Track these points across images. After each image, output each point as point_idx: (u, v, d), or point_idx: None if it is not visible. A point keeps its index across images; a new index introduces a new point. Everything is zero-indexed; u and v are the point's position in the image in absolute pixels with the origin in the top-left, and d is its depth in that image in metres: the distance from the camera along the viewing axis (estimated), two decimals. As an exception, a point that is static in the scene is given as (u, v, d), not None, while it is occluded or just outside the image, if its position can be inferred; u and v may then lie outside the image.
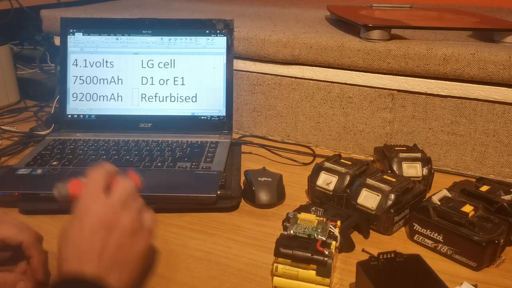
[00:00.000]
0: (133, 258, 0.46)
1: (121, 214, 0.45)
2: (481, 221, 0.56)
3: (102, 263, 0.43)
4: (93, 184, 0.47)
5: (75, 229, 0.44)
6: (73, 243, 0.43)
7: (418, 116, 0.81)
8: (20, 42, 1.40)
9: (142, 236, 0.47)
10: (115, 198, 0.46)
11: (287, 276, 0.50)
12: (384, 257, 0.49)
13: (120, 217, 0.45)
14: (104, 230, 0.44)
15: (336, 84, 0.85)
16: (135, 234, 0.46)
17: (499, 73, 0.71)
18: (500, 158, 0.77)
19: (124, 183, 0.48)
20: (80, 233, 0.44)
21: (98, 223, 0.44)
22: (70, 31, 0.88)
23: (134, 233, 0.46)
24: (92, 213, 0.45)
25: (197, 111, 0.87)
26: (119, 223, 0.45)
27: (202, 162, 0.74)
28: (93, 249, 0.43)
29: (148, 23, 0.88)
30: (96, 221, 0.44)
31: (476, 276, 0.54)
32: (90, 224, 0.44)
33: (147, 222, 0.48)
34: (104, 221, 0.44)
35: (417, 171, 0.70)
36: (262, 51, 0.88)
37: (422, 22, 0.92)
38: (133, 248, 0.46)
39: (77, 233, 0.44)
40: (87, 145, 0.80)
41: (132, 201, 0.47)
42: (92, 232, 0.44)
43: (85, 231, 0.44)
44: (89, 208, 0.45)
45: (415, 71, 0.77)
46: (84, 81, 0.87)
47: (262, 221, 0.65)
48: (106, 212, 0.45)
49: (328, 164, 0.68)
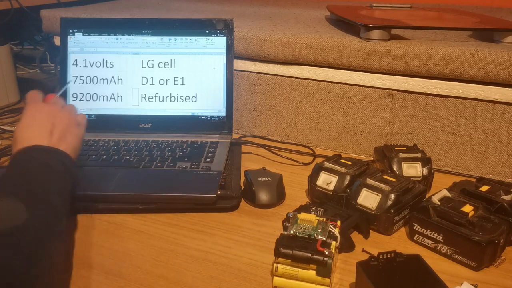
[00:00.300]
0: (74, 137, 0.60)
1: (59, 110, 0.61)
2: (481, 221, 0.56)
3: (52, 139, 0.56)
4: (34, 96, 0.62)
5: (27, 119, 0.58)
6: (26, 128, 0.57)
7: (418, 116, 0.81)
8: (20, 42, 1.40)
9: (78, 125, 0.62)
10: (53, 102, 0.63)
11: (287, 276, 0.50)
12: (384, 257, 0.49)
13: (59, 113, 0.60)
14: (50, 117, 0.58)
15: (336, 84, 0.85)
16: (74, 122, 0.62)
17: (499, 73, 0.71)
18: (500, 158, 0.77)
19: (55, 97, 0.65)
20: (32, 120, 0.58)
21: (45, 112, 0.59)
22: (70, 31, 0.88)
23: (73, 121, 0.61)
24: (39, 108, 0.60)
25: (197, 111, 0.87)
26: (61, 112, 0.60)
27: (202, 162, 0.74)
28: (44, 128, 0.57)
29: (148, 23, 0.88)
30: (43, 112, 0.59)
31: (476, 276, 0.54)
32: (39, 114, 0.59)
33: (79, 117, 0.64)
34: (49, 111, 0.59)
35: (417, 171, 0.70)
36: (262, 51, 0.88)
37: (422, 22, 0.92)
38: (73, 130, 0.60)
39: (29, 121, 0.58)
40: (87, 145, 0.80)
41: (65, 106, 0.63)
42: (41, 119, 0.58)
43: (36, 119, 0.58)
44: (35, 106, 0.60)
45: (415, 71, 0.77)
46: (84, 81, 0.87)
47: (262, 221, 0.65)
48: (49, 108, 0.60)
49: (328, 164, 0.68)
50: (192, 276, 0.54)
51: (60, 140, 0.57)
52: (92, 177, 0.70)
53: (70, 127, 0.60)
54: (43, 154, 0.54)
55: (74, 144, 0.60)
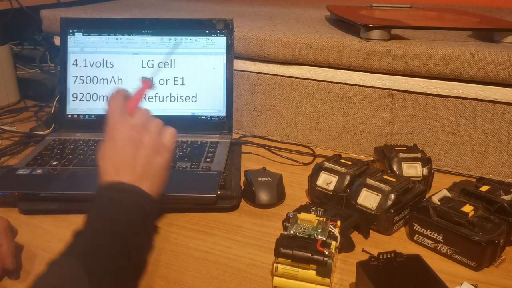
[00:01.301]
0: (157, 170, 0.55)
1: (143, 133, 0.55)
2: (481, 221, 0.56)
3: (135, 173, 0.53)
4: (116, 108, 0.56)
5: (110, 147, 0.54)
6: (109, 158, 0.53)
7: (418, 116, 0.81)
8: (20, 42, 1.40)
9: (162, 151, 0.56)
10: (137, 120, 0.56)
11: (287, 276, 0.50)
12: (384, 257, 0.49)
13: (142, 136, 0.55)
14: (132, 146, 0.54)
15: (336, 84, 0.85)
16: (157, 150, 0.55)
17: (499, 73, 0.71)
18: (500, 158, 0.77)
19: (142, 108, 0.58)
20: (114, 150, 0.54)
21: (127, 141, 0.54)
22: (70, 31, 0.88)
23: (155, 149, 0.55)
24: (120, 133, 0.54)
25: (197, 111, 0.87)
26: (143, 141, 0.54)
27: (202, 162, 0.74)
28: (127, 162, 0.53)
29: (148, 23, 0.88)
30: (125, 139, 0.54)
31: (476, 276, 0.54)
32: (121, 142, 0.54)
33: (165, 139, 0.57)
34: (131, 139, 0.54)
35: (417, 171, 0.70)
36: (262, 51, 0.88)
37: (422, 22, 0.92)
38: (156, 161, 0.55)
39: (111, 150, 0.54)
40: (87, 145, 0.80)
41: (150, 123, 0.57)
42: (123, 148, 0.53)
43: (118, 148, 0.53)
44: (117, 129, 0.54)
45: (415, 71, 0.77)
46: (84, 81, 0.87)
47: (262, 221, 0.65)
48: (131, 132, 0.54)
49: (328, 164, 0.68)
50: (192, 276, 0.53)
51: (142, 177, 0.53)
52: (92, 177, 0.69)
53: (153, 157, 0.54)
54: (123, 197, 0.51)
55: (157, 177, 0.55)
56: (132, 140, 0.54)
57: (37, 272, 0.53)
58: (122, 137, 0.54)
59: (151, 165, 0.54)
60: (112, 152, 0.54)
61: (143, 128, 0.55)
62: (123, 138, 0.54)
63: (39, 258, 0.56)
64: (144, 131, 0.55)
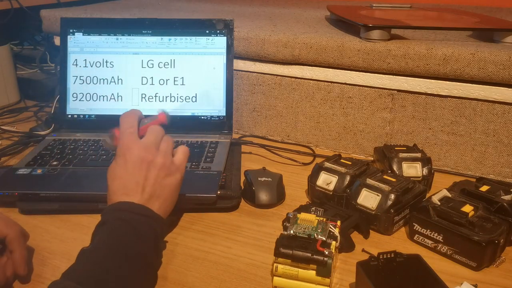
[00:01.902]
0: (167, 190, 0.55)
1: (155, 154, 0.55)
2: (481, 221, 0.56)
3: (144, 194, 0.53)
4: (129, 129, 0.56)
5: (120, 166, 0.54)
6: (119, 178, 0.53)
7: (418, 116, 0.81)
8: (20, 42, 1.40)
9: (174, 172, 0.56)
10: (149, 140, 0.56)
11: (287, 276, 0.50)
12: (384, 257, 0.49)
13: (154, 157, 0.54)
14: (143, 167, 0.54)
15: (336, 84, 0.85)
16: (168, 171, 0.55)
17: (499, 73, 0.71)
18: (500, 158, 0.77)
19: (154, 127, 0.58)
20: (125, 170, 0.54)
21: (138, 161, 0.54)
22: (70, 31, 0.88)
23: (167, 170, 0.55)
24: (132, 154, 0.54)
25: (197, 111, 0.87)
26: (154, 162, 0.54)
27: (202, 162, 0.74)
28: (137, 183, 0.53)
29: (148, 23, 0.88)
30: (136, 160, 0.54)
31: (476, 276, 0.54)
32: (132, 163, 0.54)
33: (177, 159, 0.57)
34: (142, 160, 0.54)
35: (417, 171, 0.70)
36: (262, 51, 0.88)
37: (422, 22, 0.92)
38: (167, 182, 0.55)
39: (122, 170, 0.54)
40: (87, 145, 0.80)
41: (162, 143, 0.57)
42: (134, 168, 0.53)
43: (128, 168, 0.53)
44: (130, 149, 0.54)
45: (415, 71, 0.77)
46: (84, 81, 0.87)
47: (262, 221, 0.65)
48: (143, 153, 0.54)
49: (328, 164, 0.68)
50: (192, 276, 0.53)
51: (151, 198, 0.53)
52: (92, 177, 0.70)
53: (164, 178, 0.55)
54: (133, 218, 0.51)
55: (168, 198, 0.56)
56: (143, 161, 0.54)
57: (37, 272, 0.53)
58: (134, 157, 0.54)
59: (162, 185, 0.55)
60: (123, 172, 0.54)
61: (155, 148, 0.55)
62: (134, 158, 0.54)
63: (39, 258, 0.56)
64: (156, 151, 0.55)
